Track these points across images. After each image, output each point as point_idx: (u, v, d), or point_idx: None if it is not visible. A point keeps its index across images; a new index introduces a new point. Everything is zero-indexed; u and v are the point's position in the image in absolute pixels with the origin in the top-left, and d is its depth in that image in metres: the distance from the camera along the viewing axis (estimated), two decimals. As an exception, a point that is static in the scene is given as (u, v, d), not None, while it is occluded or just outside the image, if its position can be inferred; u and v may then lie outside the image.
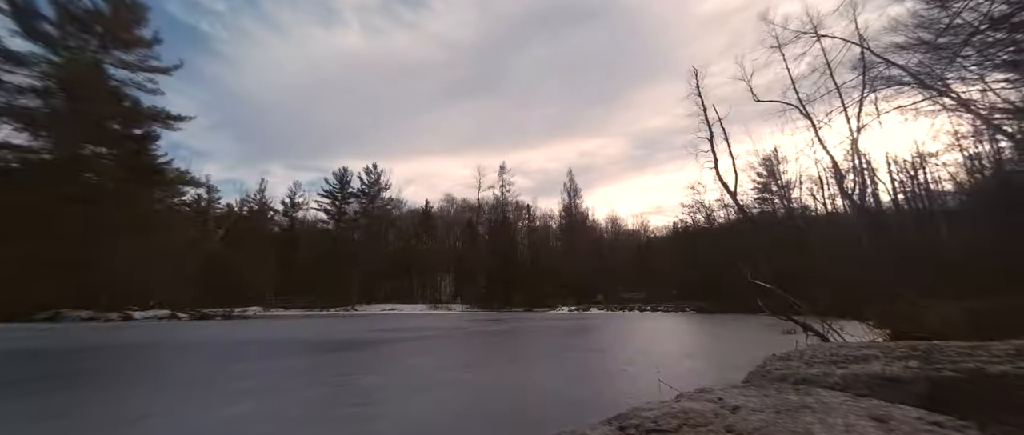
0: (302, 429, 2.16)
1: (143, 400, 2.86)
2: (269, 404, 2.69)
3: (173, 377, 3.83)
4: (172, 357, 5.22)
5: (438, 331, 10.06)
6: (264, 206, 43.54)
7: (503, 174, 49.18)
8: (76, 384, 3.46)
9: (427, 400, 2.81)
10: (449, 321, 15.55)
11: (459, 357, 5.29)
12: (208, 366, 4.41)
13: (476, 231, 51.25)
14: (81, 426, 2.24)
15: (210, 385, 3.34)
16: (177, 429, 2.16)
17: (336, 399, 2.85)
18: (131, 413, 2.49)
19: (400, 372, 4.01)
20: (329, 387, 3.26)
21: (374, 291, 44.23)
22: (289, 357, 5.09)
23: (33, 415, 2.46)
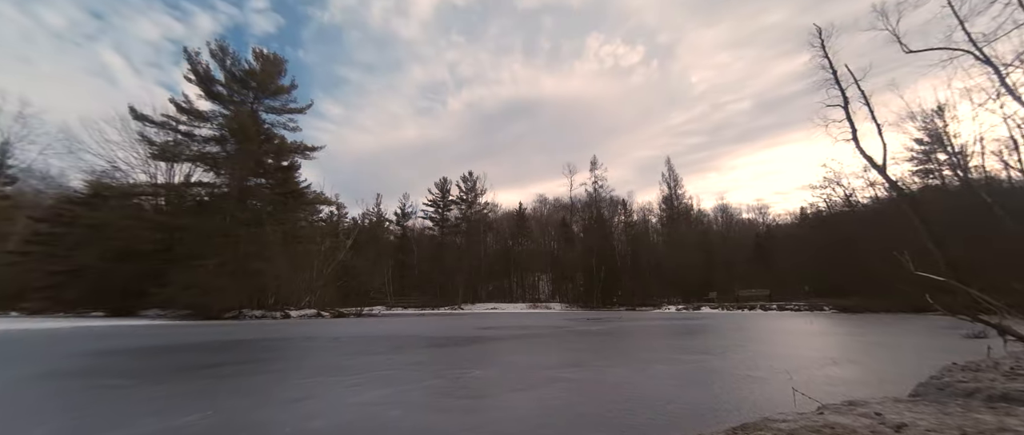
0: (424, 414, 2.38)
1: (302, 384, 3.44)
2: (396, 391, 3.03)
3: (322, 365, 4.53)
4: (320, 349, 6.20)
5: (538, 330, 10.22)
6: (381, 218, 49.08)
7: (594, 170, 47.86)
8: (255, 369, 4.31)
9: (531, 397, 2.87)
10: (548, 320, 15.68)
11: (560, 356, 5.30)
12: (348, 357, 5.12)
13: (570, 230, 50.87)
14: (262, 401, 2.79)
15: (350, 373, 3.88)
16: (329, 409, 2.55)
17: (450, 391, 3.08)
18: (295, 394, 3.02)
19: (505, 368, 4.17)
20: (444, 380, 3.54)
21: (477, 291, 46.79)
22: (409, 351, 5.65)
23: (229, 391, 3.13)
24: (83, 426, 2.25)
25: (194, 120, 26.10)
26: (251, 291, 21.93)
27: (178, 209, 24.52)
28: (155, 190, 25.24)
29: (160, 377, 3.82)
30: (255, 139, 25.45)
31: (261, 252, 22.52)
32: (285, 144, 27.47)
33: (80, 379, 3.77)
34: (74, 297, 22.59)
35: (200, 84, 26.27)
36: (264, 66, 27.93)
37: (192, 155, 25.48)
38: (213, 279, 20.47)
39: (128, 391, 3.23)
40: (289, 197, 26.65)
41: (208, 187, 25.77)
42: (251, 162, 25.32)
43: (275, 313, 20.51)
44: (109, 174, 24.76)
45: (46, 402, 2.93)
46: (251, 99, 27.83)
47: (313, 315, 21.09)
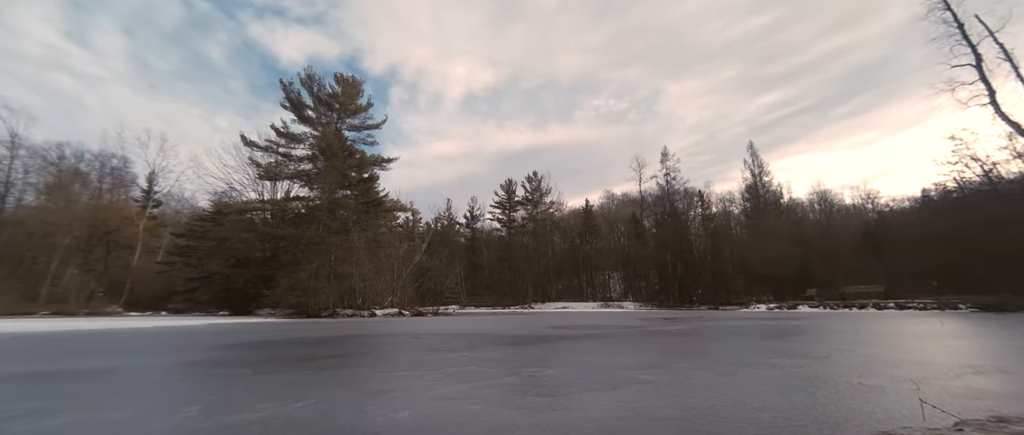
0: (501, 411, 2.45)
1: (389, 377, 3.72)
2: (474, 387, 3.15)
3: (405, 361, 4.86)
4: (402, 345, 6.65)
5: (611, 329, 9.94)
6: (451, 221, 51.30)
7: (665, 161, 45.39)
8: (348, 363, 4.76)
9: (607, 398, 2.81)
10: (621, 319, 15.17)
11: (636, 357, 5.10)
12: (427, 353, 5.44)
13: (642, 226, 48.71)
14: (356, 392, 3.07)
15: (431, 369, 4.11)
16: (414, 401, 2.73)
17: (525, 388, 3.12)
18: (384, 386, 3.28)
19: (578, 368, 4.12)
20: (518, 377, 3.60)
21: (547, 290, 46.83)
22: (483, 349, 5.84)
23: (328, 382, 3.49)
24: (220, 407, 2.66)
25: (290, 142, 29.53)
26: (342, 292, 24.18)
27: (281, 221, 27.91)
28: (263, 206, 29.00)
29: (272, 368, 4.38)
30: (340, 155, 28.09)
31: (349, 257, 24.75)
32: (365, 158, 29.98)
33: (213, 368, 4.46)
34: (206, 299, 26.78)
35: (293, 110, 29.64)
36: (345, 88, 30.72)
37: (290, 173, 28.86)
38: (311, 282, 22.96)
39: (249, 379, 3.75)
40: (371, 206, 29.01)
41: (304, 200, 29.01)
42: (338, 176, 27.99)
43: (363, 312, 22.43)
44: (227, 194, 28.94)
45: (192, 385, 3.51)
46: (335, 119, 30.79)
47: (395, 313, 22.68)
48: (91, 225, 32.72)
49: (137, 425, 2.28)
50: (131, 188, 38.26)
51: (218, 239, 26.57)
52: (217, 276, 26.38)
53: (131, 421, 2.36)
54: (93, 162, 36.13)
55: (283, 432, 2.11)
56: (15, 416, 2.44)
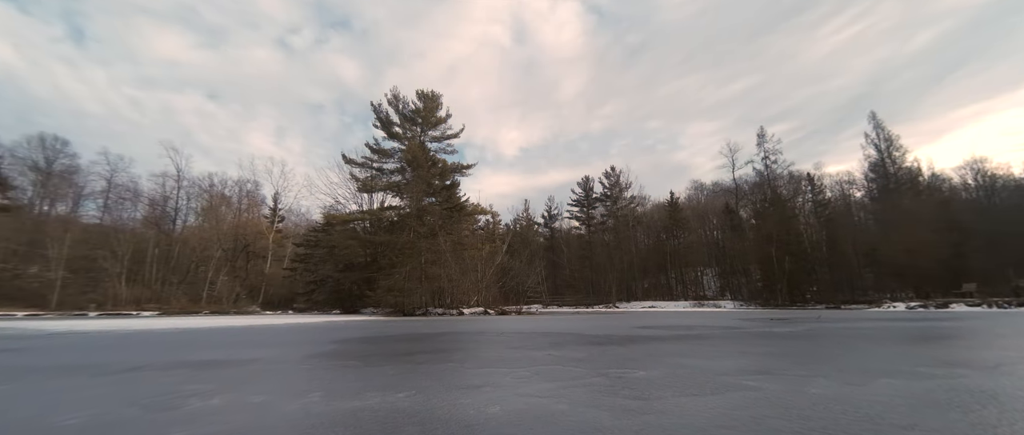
0: (590, 411, 2.40)
1: (478, 373, 3.87)
2: (560, 386, 3.14)
3: (492, 357, 5.01)
4: (489, 342, 6.89)
5: (706, 330, 9.18)
6: (530, 221, 51.86)
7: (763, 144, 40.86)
8: (441, 358, 5.05)
9: (707, 404, 2.59)
10: (718, 319, 13.95)
11: (740, 360, 4.64)
12: (513, 351, 5.55)
13: (737, 216, 44.37)
14: (449, 386, 3.25)
15: (517, 366, 4.19)
16: (503, 397, 2.80)
17: (613, 389, 3.02)
18: (475, 381, 3.42)
19: (671, 370, 3.87)
20: (606, 378, 3.49)
21: (632, 288, 44.94)
22: (568, 348, 5.78)
23: (425, 375, 3.75)
24: (337, 394, 3.00)
25: (382, 157, 32.45)
26: (433, 292, 25.84)
27: (378, 229, 30.77)
28: (362, 216, 32.27)
29: (376, 361, 4.82)
30: (425, 165, 30.12)
31: (437, 259, 26.38)
32: (447, 166, 31.77)
33: (330, 359, 5.06)
34: (322, 299, 30.54)
35: (383, 128, 32.51)
36: (426, 103, 32.85)
37: (383, 185, 31.72)
38: (405, 283, 24.92)
39: (359, 371, 4.17)
40: (454, 211, 30.63)
41: (396, 209, 31.64)
42: (424, 185, 30.04)
43: (451, 311, 23.74)
44: (334, 207, 32.74)
45: (314, 374, 4.02)
46: (419, 133, 33.09)
47: (481, 312, 23.59)
48: (235, 239, 39.47)
49: (273, 407, 2.68)
50: (262, 207, 45.37)
51: (329, 247, 30.23)
52: (329, 279, 30.01)
53: (268, 404, 2.77)
54: (234, 187, 43.60)
55: (389, 419, 2.31)
56: (188, 395, 3.03)
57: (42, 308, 27.58)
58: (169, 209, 39.50)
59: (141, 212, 39.84)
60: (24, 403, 2.85)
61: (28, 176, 36.29)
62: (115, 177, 38.79)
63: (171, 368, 4.41)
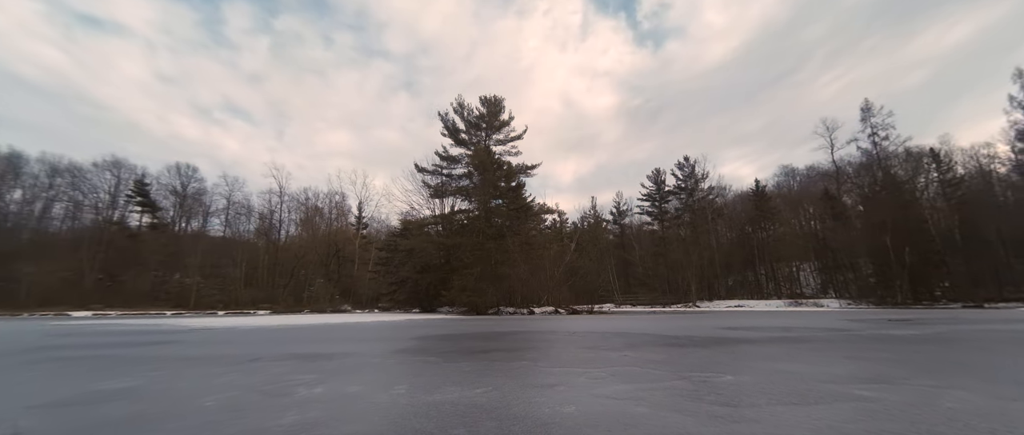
0: (672, 416, 2.27)
1: (552, 372, 3.87)
2: (638, 388, 3.02)
3: (565, 357, 4.98)
4: (561, 342, 6.85)
5: (806, 331, 8.21)
6: (598, 219, 50.62)
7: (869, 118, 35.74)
8: (514, 356, 5.14)
9: (810, 415, 2.32)
10: (821, 320, 12.42)
11: (850, 366, 4.09)
12: (586, 351, 5.46)
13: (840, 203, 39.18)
14: (524, 384, 3.29)
15: (591, 366, 4.12)
16: (578, 397, 2.78)
17: (697, 394, 2.83)
18: (548, 380, 3.43)
19: (765, 376, 3.53)
20: (688, 382, 3.29)
21: (714, 286, 41.77)
22: (644, 349, 5.55)
23: (500, 373, 3.84)
24: (420, 388, 3.20)
25: (450, 163, 33.87)
26: (503, 292, 26.36)
27: (450, 232, 32.16)
28: (435, 220, 33.96)
29: (454, 357, 5.04)
30: (491, 169, 30.88)
31: (505, 260, 26.88)
32: (512, 168, 32.24)
33: (412, 355, 5.41)
34: (403, 299, 32.66)
35: (450, 135, 33.94)
36: (489, 108, 33.67)
37: (453, 190, 33.11)
38: (477, 283, 25.73)
39: (438, 366, 4.40)
40: (520, 211, 30.99)
41: (466, 212, 32.84)
42: (491, 188, 30.80)
43: (522, 310, 24.02)
44: (410, 213, 34.87)
45: (399, 368, 4.33)
46: (484, 137, 34.01)
47: (551, 312, 23.54)
48: (327, 246, 43.92)
49: (365, 397, 2.93)
50: (348, 215, 49.91)
51: (407, 250, 32.29)
52: (409, 280, 32.05)
53: (361, 394, 3.04)
54: (325, 199, 48.53)
55: (468, 413, 2.41)
56: (297, 384, 3.43)
57: (184, 308, 33.16)
58: (275, 221, 45.23)
59: (253, 225, 46.12)
60: (175, 385, 3.45)
61: (169, 199, 43.86)
62: (233, 196, 45.37)
63: (282, 359, 5.03)
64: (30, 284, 31.64)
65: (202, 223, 45.53)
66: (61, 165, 39.15)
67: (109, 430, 2.20)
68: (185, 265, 38.37)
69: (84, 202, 40.33)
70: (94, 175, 40.12)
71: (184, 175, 44.17)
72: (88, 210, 40.43)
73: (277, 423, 2.28)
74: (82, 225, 39.82)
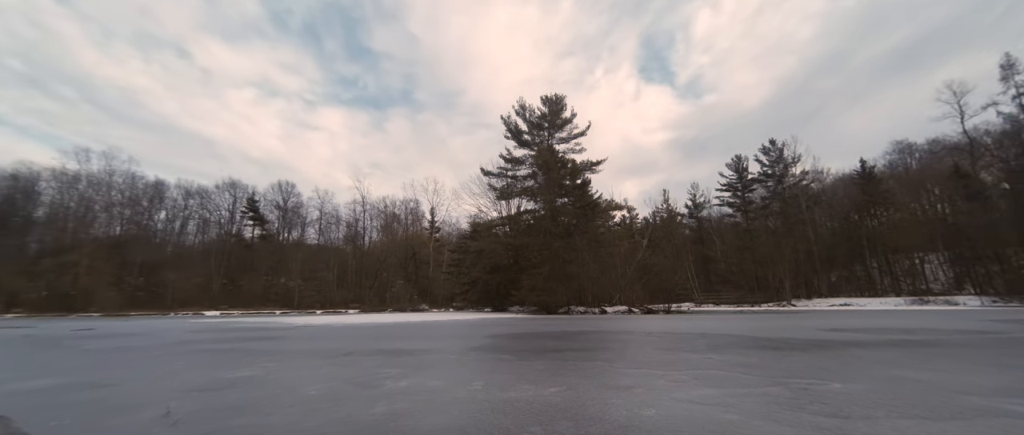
0: (768, 426, 2.07)
1: (628, 373, 3.74)
2: (725, 393, 2.79)
3: (642, 358, 4.78)
4: (636, 342, 6.58)
5: (939, 334, 6.98)
6: (672, 213, 47.80)
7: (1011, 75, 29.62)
8: (588, 356, 5.05)
9: (946, 431, 1.97)
10: (956, 320, 10.50)
11: (998, 377, 3.40)
12: (664, 352, 5.19)
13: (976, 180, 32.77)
14: (599, 384, 3.22)
15: (671, 368, 3.90)
16: (658, 400, 2.65)
17: (797, 402, 2.55)
18: (625, 382, 3.32)
19: (883, 384, 3.07)
20: (786, 389, 2.97)
21: (812, 283, 37.31)
22: (730, 351, 5.12)
23: (574, 372, 3.79)
24: (495, 384, 3.28)
25: (515, 165, 34.28)
26: (573, 291, 26.04)
27: (517, 232, 32.57)
28: (503, 221, 34.61)
29: (527, 356, 5.09)
30: (555, 168, 30.70)
31: (574, 258, 26.51)
32: (576, 165, 31.73)
33: (486, 353, 5.56)
34: (475, 298, 33.74)
35: (513, 138, 34.35)
36: (550, 107, 33.51)
37: (519, 191, 33.46)
38: (546, 283, 25.71)
39: (512, 364, 4.47)
40: (587, 209, 30.37)
41: (531, 213, 33.01)
42: (555, 187, 30.63)
43: (593, 309, 23.51)
44: (478, 216, 35.94)
45: (475, 365, 4.48)
46: (547, 137, 33.93)
47: (624, 311, 22.73)
48: (405, 249, 46.90)
49: (446, 392, 3.07)
50: (422, 220, 52.85)
51: (477, 252, 33.35)
52: (480, 281, 33.06)
53: (442, 388, 3.20)
54: (401, 206, 51.95)
55: (543, 412, 2.42)
56: (385, 377, 3.70)
57: (289, 307, 37.59)
58: (359, 229, 49.48)
59: (342, 233, 50.90)
60: (285, 376, 3.92)
61: (274, 213, 50.08)
62: (324, 207, 50.52)
63: (370, 354, 5.48)
64: (173, 288, 38.13)
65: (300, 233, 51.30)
66: (192, 188, 46.67)
67: (235, 412, 2.56)
68: (288, 270, 43.50)
69: (210, 219, 47.64)
70: (216, 195, 47.30)
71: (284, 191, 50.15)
72: (213, 225, 47.69)
73: (369, 412, 2.49)
74: (210, 238, 47.04)
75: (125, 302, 34.09)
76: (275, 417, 2.44)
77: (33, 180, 37.99)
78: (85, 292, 32.69)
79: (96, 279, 33.95)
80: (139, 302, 35.43)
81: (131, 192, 42.21)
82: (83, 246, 35.44)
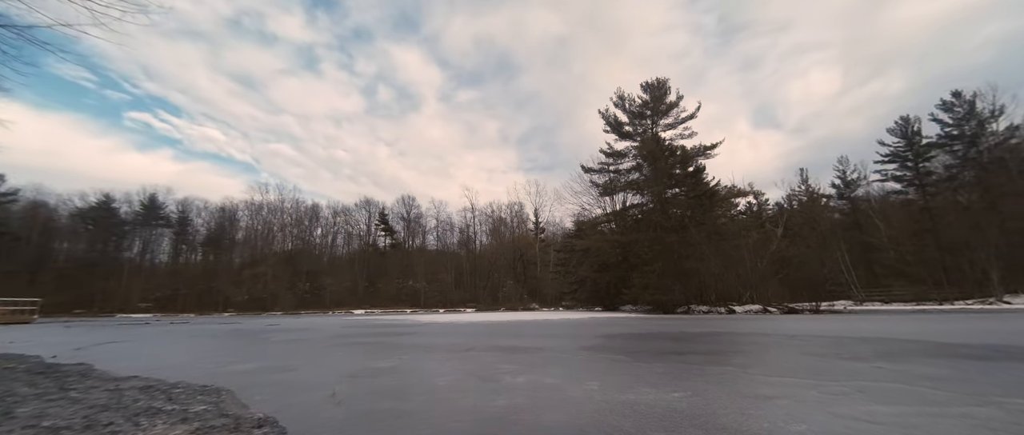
0: (975, 458, 1.62)
1: (768, 381, 3.29)
2: (905, 411, 2.27)
3: (785, 365, 4.16)
4: (777, 346, 5.74)
5: None
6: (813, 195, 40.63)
7: None
8: (716, 360, 4.58)
9: None
10: None
11: None
12: (814, 359, 4.44)
13: None
14: (732, 392, 2.90)
15: (824, 378, 3.32)
16: (809, 415, 2.28)
17: (1020, 431, 1.93)
18: (764, 391, 2.93)
19: None
20: (1001, 410, 2.29)
21: (1036, 274, 27.88)
22: (907, 360, 4.14)
23: (699, 377, 3.48)
24: (611, 385, 3.20)
25: (617, 159, 32.96)
26: (693, 289, 23.93)
27: (624, 228, 31.26)
28: (607, 218, 33.57)
29: (643, 357, 4.84)
30: (662, 157, 28.67)
31: (691, 253, 24.33)
32: (686, 151, 29.12)
33: (599, 352, 5.44)
34: (584, 297, 33.32)
35: (614, 130, 33.07)
36: (652, 93, 31.44)
37: (623, 185, 32.08)
38: (660, 280, 24.11)
39: (628, 365, 4.30)
40: (702, 198, 27.61)
41: (638, 207, 31.34)
42: (664, 177, 28.58)
43: (719, 309, 21.22)
44: (581, 214, 35.47)
45: (588, 364, 4.42)
46: (650, 125, 31.91)
47: (758, 311, 20.05)
48: (513, 251, 48.70)
49: (562, 389, 3.10)
50: (527, 222, 54.26)
51: (583, 250, 32.92)
52: (588, 279, 32.56)
53: (558, 386, 3.23)
54: (506, 209, 54.16)
55: (667, 417, 2.27)
56: (503, 373, 3.89)
57: (417, 306, 42.03)
58: (470, 234, 53.09)
59: (456, 238, 55.22)
60: (419, 367, 4.40)
61: (400, 223, 56.76)
62: (439, 216, 55.54)
63: (489, 350, 5.81)
64: (330, 292, 45.82)
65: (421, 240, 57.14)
66: (338, 208, 55.57)
67: (381, 397, 2.96)
68: (414, 273, 48.72)
69: (352, 232, 56.05)
70: (356, 212, 55.57)
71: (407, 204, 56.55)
72: (355, 238, 56.01)
73: (492, 404, 2.65)
74: (353, 249, 55.37)
75: (297, 303, 42.12)
76: (413, 403, 2.75)
77: (234, 210, 49.50)
78: (272, 296, 41.32)
79: (277, 285, 42.67)
80: (306, 303, 43.40)
81: (296, 214, 52.05)
82: (268, 259, 44.86)
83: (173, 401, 2.66)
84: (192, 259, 48.73)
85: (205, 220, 49.38)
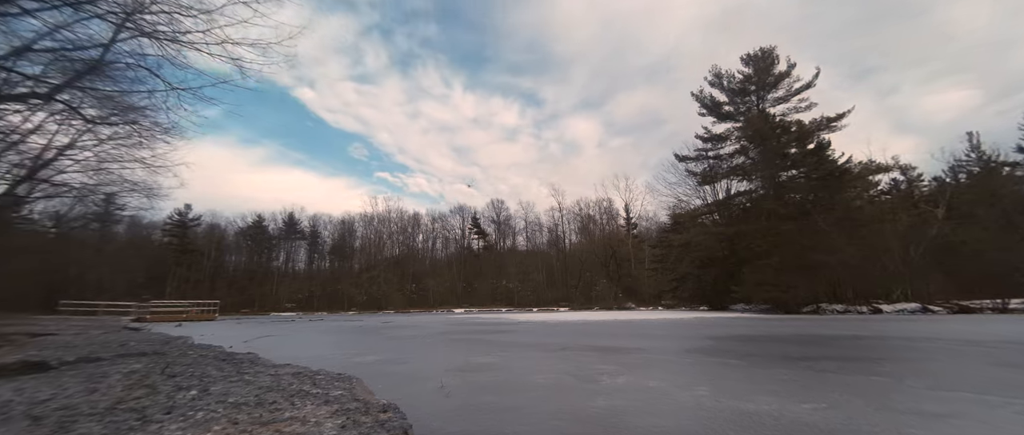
0: None
1: (935, 396, 2.69)
2: None
3: (960, 376, 3.36)
4: (945, 352, 4.65)
5: None
6: (987, 163, 32.15)
7: None
8: (859, 368, 3.88)
9: None
10: None
11: None
12: (1001, 370, 3.50)
13: None
14: (882, 406, 2.43)
15: (1017, 393, 2.61)
16: (998, 440, 1.81)
17: None
18: (930, 407, 2.41)
19: None
20: None
21: None
22: None
23: (836, 387, 2.98)
24: (725, 392, 2.91)
25: (717, 143, 30.03)
26: (822, 284, 20.70)
27: (729, 219, 28.28)
28: (709, 208, 30.73)
29: (762, 362, 4.31)
30: (771, 136, 25.35)
31: (817, 244, 21.04)
32: (803, 127, 25.30)
33: (708, 355, 4.99)
34: (687, 295, 30.96)
35: (710, 113, 30.20)
36: (756, 65, 28.02)
37: (725, 172, 29.11)
38: (779, 275, 21.30)
39: (744, 370, 3.87)
40: (828, 179, 23.66)
41: (746, 195, 28.11)
42: (776, 158, 25.23)
43: (859, 307, 17.97)
44: (677, 206, 33.04)
45: (696, 368, 4.08)
46: (755, 101, 28.45)
47: (916, 310, 16.55)
48: (604, 248, 47.31)
49: (666, 394, 2.91)
50: (618, 217, 52.31)
51: (682, 245, 30.57)
52: (690, 276, 30.14)
53: (662, 390, 3.04)
54: (595, 206, 52.88)
55: (795, 431, 1.99)
56: (601, 373, 3.79)
57: (511, 305, 43.26)
58: (559, 233, 53.02)
59: (545, 237, 55.62)
60: (518, 363, 4.52)
61: (491, 226, 59.15)
62: (528, 216, 56.54)
63: (585, 350, 5.72)
64: (433, 292, 49.66)
65: (511, 241, 58.75)
66: (436, 214, 60.02)
67: (484, 390, 3.11)
68: (507, 274, 50.28)
69: (449, 237, 60.03)
70: (451, 218, 59.46)
71: (496, 207, 58.73)
72: (452, 242, 59.88)
73: (591, 404, 2.60)
74: (451, 252, 59.24)
75: (406, 302, 46.46)
76: (514, 398, 2.83)
77: (352, 222, 56.50)
78: (385, 296, 46.25)
79: (389, 287, 47.60)
80: (414, 302, 47.62)
81: (401, 222, 57.50)
82: (380, 264, 50.31)
83: (317, 385, 3.12)
84: (322, 266, 56.64)
85: (330, 232, 57.14)
